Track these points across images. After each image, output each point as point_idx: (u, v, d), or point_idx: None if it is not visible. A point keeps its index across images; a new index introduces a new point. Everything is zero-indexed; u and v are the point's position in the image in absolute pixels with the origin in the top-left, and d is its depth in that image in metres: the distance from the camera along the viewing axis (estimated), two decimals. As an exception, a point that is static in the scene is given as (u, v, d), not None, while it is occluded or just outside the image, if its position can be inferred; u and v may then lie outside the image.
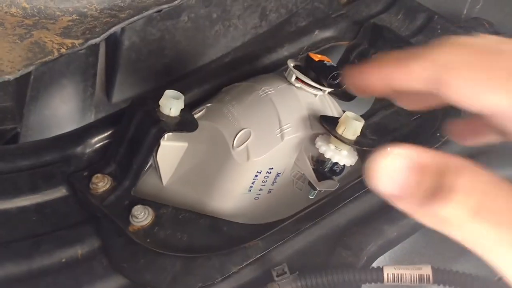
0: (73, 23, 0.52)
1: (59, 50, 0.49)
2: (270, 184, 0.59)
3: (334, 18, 0.79)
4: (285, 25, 0.92)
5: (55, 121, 0.77)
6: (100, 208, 0.57)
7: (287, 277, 0.48)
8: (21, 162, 0.61)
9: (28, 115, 0.74)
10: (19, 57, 0.48)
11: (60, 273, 0.53)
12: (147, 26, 0.75)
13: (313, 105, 0.60)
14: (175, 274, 0.51)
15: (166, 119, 0.57)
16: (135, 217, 0.55)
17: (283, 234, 0.54)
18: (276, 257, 0.54)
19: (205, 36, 0.83)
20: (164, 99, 0.58)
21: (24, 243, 0.55)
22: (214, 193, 0.59)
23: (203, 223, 0.57)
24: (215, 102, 0.64)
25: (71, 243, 0.55)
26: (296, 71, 0.60)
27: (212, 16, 0.81)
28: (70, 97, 0.77)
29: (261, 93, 0.61)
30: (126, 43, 0.75)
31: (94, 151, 0.63)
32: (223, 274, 0.51)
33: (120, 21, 0.52)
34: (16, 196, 0.58)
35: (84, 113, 0.80)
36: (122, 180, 0.58)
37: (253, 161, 0.57)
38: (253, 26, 0.87)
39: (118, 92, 0.81)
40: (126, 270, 0.53)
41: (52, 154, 0.62)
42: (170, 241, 0.54)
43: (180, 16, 0.78)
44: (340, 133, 0.55)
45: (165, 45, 0.80)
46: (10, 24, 0.50)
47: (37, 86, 0.73)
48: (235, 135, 0.58)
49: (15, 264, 0.53)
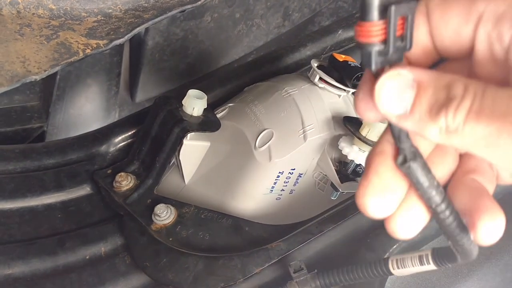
0: (98, 24, 0.53)
1: (84, 51, 0.50)
2: (292, 185, 0.59)
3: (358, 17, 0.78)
4: (308, 24, 0.92)
5: (80, 120, 0.78)
6: (123, 206, 0.57)
7: (305, 274, 0.48)
8: (47, 160, 0.62)
9: (54, 114, 0.75)
10: (46, 57, 0.49)
11: (84, 270, 0.54)
12: (170, 26, 0.76)
13: (336, 105, 0.60)
14: (197, 273, 0.52)
15: (189, 118, 0.57)
16: (157, 215, 0.55)
17: (306, 236, 0.54)
18: (297, 258, 0.53)
19: (228, 36, 0.83)
20: (187, 98, 0.58)
21: (49, 240, 0.56)
22: (235, 193, 0.59)
23: (225, 223, 0.57)
24: (238, 101, 0.64)
25: (94, 241, 0.56)
26: (320, 71, 0.60)
27: (235, 16, 0.81)
28: (95, 96, 0.78)
29: (284, 93, 0.60)
30: (149, 43, 0.76)
31: (118, 149, 0.64)
32: (245, 275, 0.51)
33: (144, 21, 0.53)
34: (42, 194, 0.59)
35: (108, 112, 0.81)
36: (145, 178, 0.59)
37: (275, 161, 0.57)
38: (276, 25, 0.87)
39: (142, 92, 0.82)
40: (148, 268, 0.53)
41: (77, 153, 0.63)
42: (193, 240, 0.55)
43: (203, 16, 0.78)
44: (364, 135, 0.54)
45: (188, 45, 0.80)
46: (37, 25, 0.51)
47: (63, 85, 0.74)
48: (258, 135, 0.58)
49: (40, 261, 0.54)
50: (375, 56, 0.24)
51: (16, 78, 0.48)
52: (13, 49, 0.49)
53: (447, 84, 0.24)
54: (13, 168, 0.60)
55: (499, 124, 0.22)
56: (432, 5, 0.26)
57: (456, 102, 0.23)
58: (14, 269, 0.53)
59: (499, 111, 0.22)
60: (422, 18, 0.27)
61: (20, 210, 0.58)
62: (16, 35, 0.51)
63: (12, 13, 0.52)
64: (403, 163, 0.26)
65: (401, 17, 0.24)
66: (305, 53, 0.73)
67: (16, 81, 0.47)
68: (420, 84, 0.24)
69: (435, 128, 0.24)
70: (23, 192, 0.58)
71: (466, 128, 0.23)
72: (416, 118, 0.24)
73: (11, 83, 0.47)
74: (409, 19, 0.24)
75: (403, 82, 0.24)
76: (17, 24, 0.51)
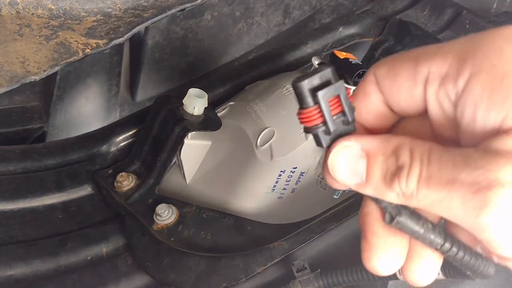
0: (97, 23, 0.52)
1: (84, 51, 0.50)
2: (294, 184, 0.59)
3: (359, 14, 0.78)
4: (309, 22, 0.91)
5: (80, 120, 0.78)
6: (124, 206, 0.57)
7: (308, 274, 0.48)
8: (48, 160, 0.62)
9: (54, 114, 0.75)
10: (45, 57, 0.49)
11: (85, 271, 0.54)
12: (170, 25, 0.76)
13: (337, 103, 0.59)
14: (199, 273, 0.51)
15: (190, 117, 0.57)
16: (159, 215, 0.55)
17: (308, 235, 0.54)
18: (300, 257, 0.53)
19: (228, 34, 0.83)
20: (188, 97, 0.58)
21: (51, 241, 0.55)
22: (237, 192, 0.58)
23: (226, 222, 0.57)
24: (239, 100, 0.63)
25: (96, 241, 0.56)
26: (321, 69, 0.59)
27: (235, 14, 0.81)
28: (95, 96, 0.77)
29: (285, 91, 0.60)
30: (149, 42, 0.76)
31: (118, 149, 0.63)
32: (247, 274, 0.51)
33: (144, 20, 0.53)
34: (44, 194, 0.59)
35: (109, 112, 0.80)
36: (146, 178, 0.59)
37: (277, 160, 0.56)
38: (277, 23, 0.87)
39: (142, 91, 0.82)
40: (150, 268, 0.53)
41: (78, 153, 0.63)
42: (194, 240, 0.54)
43: (203, 14, 0.77)
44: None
45: (188, 43, 0.80)
46: (36, 25, 0.51)
47: (63, 85, 0.74)
48: (259, 134, 0.57)
49: (42, 262, 0.54)
50: (322, 135, 0.26)
51: (15, 79, 0.47)
52: (12, 50, 0.49)
53: (394, 150, 0.25)
54: (14, 168, 0.60)
55: (447, 190, 0.23)
56: (380, 74, 0.28)
57: (406, 170, 0.25)
58: (15, 270, 0.53)
59: (445, 177, 0.24)
60: (373, 87, 0.28)
61: (21, 211, 0.58)
62: (16, 35, 0.50)
63: (12, 14, 0.51)
64: (391, 221, 0.26)
65: (333, 97, 0.26)
66: (306, 50, 0.73)
67: (16, 82, 0.47)
68: (369, 153, 0.26)
69: (393, 194, 0.25)
70: (24, 193, 0.58)
71: (419, 194, 0.24)
72: (373, 186, 0.26)
73: (10, 83, 0.47)
74: (342, 96, 0.26)
75: (352, 153, 0.26)
76: (17, 24, 0.51)
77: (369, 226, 0.28)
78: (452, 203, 0.23)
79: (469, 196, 0.23)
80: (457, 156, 0.24)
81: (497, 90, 0.23)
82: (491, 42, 0.24)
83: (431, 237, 0.26)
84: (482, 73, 0.24)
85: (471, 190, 0.23)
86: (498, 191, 0.22)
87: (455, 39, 0.27)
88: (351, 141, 0.26)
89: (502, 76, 0.23)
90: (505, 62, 0.24)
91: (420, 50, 0.27)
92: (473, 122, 0.24)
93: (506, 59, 0.24)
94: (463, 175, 0.23)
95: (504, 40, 0.24)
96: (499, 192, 0.22)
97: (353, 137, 0.26)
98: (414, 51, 0.27)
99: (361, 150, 0.26)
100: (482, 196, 0.23)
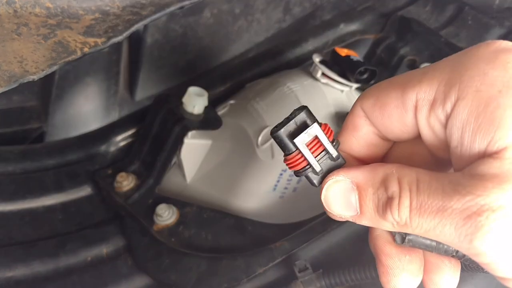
0: (95, 21, 0.52)
1: (82, 49, 0.49)
2: (296, 183, 0.58)
3: (360, 11, 0.77)
4: (309, 19, 0.91)
5: (79, 120, 0.77)
6: (124, 207, 0.56)
7: (310, 274, 0.48)
8: (47, 161, 0.61)
9: (53, 114, 0.74)
10: (43, 57, 0.48)
11: (85, 272, 0.53)
12: (169, 23, 0.75)
13: (339, 101, 0.59)
14: (200, 274, 0.51)
15: (190, 116, 0.57)
16: (159, 216, 0.55)
17: (310, 235, 0.53)
18: (302, 257, 0.52)
19: (228, 32, 0.82)
20: (187, 96, 0.57)
21: (50, 242, 0.55)
22: (238, 191, 0.58)
23: (227, 222, 0.56)
24: (239, 98, 0.63)
25: (96, 242, 0.55)
26: (322, 67, 0.59)
27: (235, 11, 0.80)
28: (94, 96, 0.77)
29: (286, 89, 0.59)
30: (148, 41, 0.75)
31: (118, 149, 0.63)
32: (248, 275, 0.51)
33: (143, 18, 0.52)
34: (43, 195, 0.59)
35: (108, 111, 0.80)
36: (146, 178, 0.58)
37: (278, 159, 0.56)
38: (277, 20, 0.86)
39: (142, 90, 0.81)
40: (151, 269, 0.53)
41: (77, 153, 0.62)
42: (195, 240, 0.54)
43: (202, 12, 0.77)
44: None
45: (188, 41, 0.79)
46: (34, 24, 0.50)
47: (62, 85, 0.73)
48: (260, 132, 0.57)
49: (42, 263, 0.53)
50: (312, 175, 0.27)
51: (13, 79, 0.47)
52: (10, 49, 0.49)
53: (382, 181, 0.26)
54: (13, 169, 0.60)
55: (439, 217, 0.24)
56: (368, 106, 0.29)
57: (396, 201, 0.25)
58: (15, 272, 0.52)
59: (436, 206, 0.24)
60: (362, 120, 0.29)
61: (20, 212, 0.57)
62: (13, 34, 0.50)
63: (9, 13, 0.51)
64: (403, 241, 0.27)
65: (312, 139, 0.26)
66: (307, 48, 0.73)
67: (14, 82, 0.47)
68: (359, 186, 0.27)
69: (388, 224, 0.26)
70: (23, 194, 0.58)
71: (413, 223, 0.25)
72: (368, 217, 0.27)
73: (8, 83, 0.47)
74: (320, 137, 0.27)
75: (343, 187, 0.27)
76: (14, 23, 0.50)
77: (381, 249, 0.29)
78: (445, 230, 0.24)
79: (461, 222, 0.23)
80: (445, 182, 0.24)
81: (482, 114, 0.24)
82: (474, 66, 0.25)
83: (444, 246, 0.27)
84: (467, 98, 0.25)
85: (462, 217, 0.23)
86: (489, 216, 0.23)
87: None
88: (340, 176, 0.27)
89: (487, 101, 0.24)
90: (489, 87, 0.25)
91: (405, 77, 0.27)
92: (460, 145, 0.25)
93: (490, 83, 0.25)
94: (453, 202, 0.24)
95: (486, 64, 0.25)
96: (490, 217, 0.23)
97: (341, 172, 0.27)
98: (398, 78, 0.28)
99: (351, 183, 0.27)
100: (474, 222, 0.23)
